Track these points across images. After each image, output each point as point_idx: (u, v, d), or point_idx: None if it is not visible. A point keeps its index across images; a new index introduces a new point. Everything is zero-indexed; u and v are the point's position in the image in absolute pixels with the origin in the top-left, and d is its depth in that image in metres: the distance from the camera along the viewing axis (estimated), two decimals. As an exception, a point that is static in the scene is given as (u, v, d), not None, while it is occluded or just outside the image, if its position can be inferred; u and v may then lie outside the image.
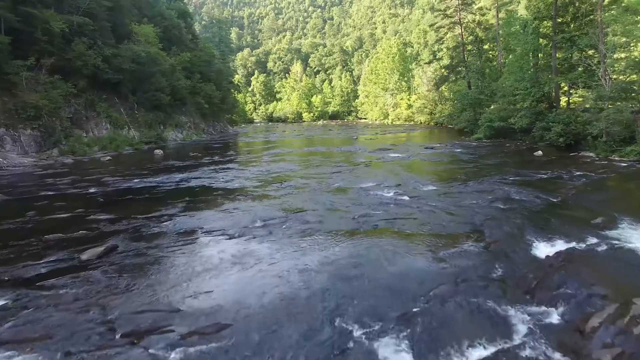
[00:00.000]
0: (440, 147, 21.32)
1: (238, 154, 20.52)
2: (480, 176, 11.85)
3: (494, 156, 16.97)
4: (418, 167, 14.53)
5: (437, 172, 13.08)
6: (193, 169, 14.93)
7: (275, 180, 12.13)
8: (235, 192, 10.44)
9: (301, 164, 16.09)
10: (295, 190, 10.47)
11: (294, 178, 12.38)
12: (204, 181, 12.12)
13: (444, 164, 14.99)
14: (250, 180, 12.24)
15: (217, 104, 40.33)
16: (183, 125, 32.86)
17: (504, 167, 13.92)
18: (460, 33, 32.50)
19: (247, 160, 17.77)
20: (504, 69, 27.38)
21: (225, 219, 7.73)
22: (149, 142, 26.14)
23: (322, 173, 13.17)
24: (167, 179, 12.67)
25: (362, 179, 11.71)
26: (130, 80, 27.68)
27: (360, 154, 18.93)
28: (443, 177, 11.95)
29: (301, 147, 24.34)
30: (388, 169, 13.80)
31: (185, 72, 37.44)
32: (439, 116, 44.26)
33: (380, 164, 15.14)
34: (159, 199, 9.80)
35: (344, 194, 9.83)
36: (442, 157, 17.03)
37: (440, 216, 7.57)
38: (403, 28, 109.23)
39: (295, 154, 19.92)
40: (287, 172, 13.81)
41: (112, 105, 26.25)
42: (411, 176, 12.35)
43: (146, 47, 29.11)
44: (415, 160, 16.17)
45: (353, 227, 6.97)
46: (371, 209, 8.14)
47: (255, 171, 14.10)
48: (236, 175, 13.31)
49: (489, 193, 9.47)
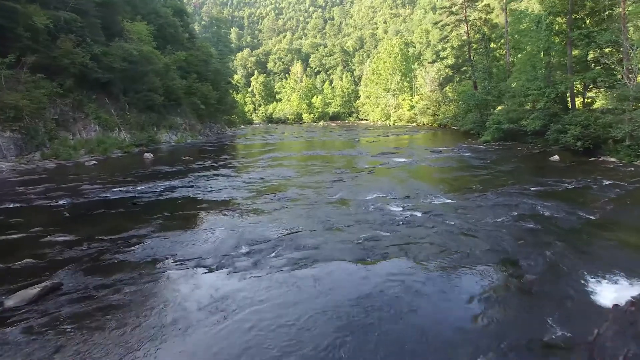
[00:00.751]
0: (447, 150, 20.08)
1: (232, 158, 19.28)
2: (497, 185, 10.61)
3: (507, 161, 15.72)
4: (426, 175, 13.28)
5: (447, 180, 11.83)
6: (181, 176, 13.70)
7: (269, 190, 10.89)
8: (222, 205, 9.19)
9: (299, 170, 14.85)
10: (290, 203, 9.22)
11: (290, 187, 11.14)
12: (189, 191, 10.88)
13: (454, 170, 13.74)
14: (241, 190, 11.00)
15: (214, 104, 39.09)
16: (177, 126, 31.63)
17: (521, 175, 12.68)
18: (466, 31, 31.24)
19: (241, 166, 16.54)
20: (513, 68, 26.12)
21: (204, 242, 6.48)
22: (140, 145, 24.91)
23: (322, 181, 11.93)
24: (150, 188, 11.43)
25: (366, 189, 10.46)
26: (121, 80, 26.48)
27: (362, 159, 17.69)
28: (456, 187, 10.70)
29: (300, 150, 23.10)
30: (394, 177, 12.54)
31: (181, 71, 36.25)
32: (442, 117, 42.98)
33: (385, 171, 13.89)
34: (133, 215, 8.56)
35: (346, 208, 8.59)
36: (451, 162, 15.78)
37: (461, 240, 6.32)
38: (405, 28, 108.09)
39: (293, 158, 18.69)
40: (283, 179, 12.57)
41: (101, 106, 25.04)
42: (420, 185, 11.10)
43: (139, 45, 27.91)
44: (422, 166, 14.92)
45: (358, 255, 5.72)
46: (378, 229, 6.90)
47: (248, 178, 12.86)
48: (226, 183, 12.07)
49: (512, 207, 8.23)
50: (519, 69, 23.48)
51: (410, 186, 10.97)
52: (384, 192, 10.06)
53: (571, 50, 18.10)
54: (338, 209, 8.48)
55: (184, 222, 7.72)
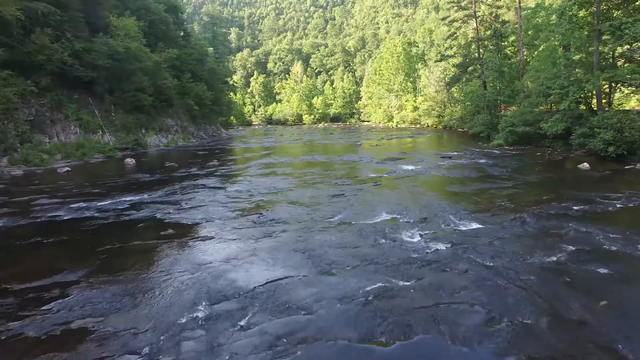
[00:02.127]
0: (458, 156, 18.19)
1: (221, 165, 17.42)
2: (531, 203, 8.72)
3: (530, 169, 13.83)
4: (442, 187, 11.38)
5: (469, 195, 9.93)
6: (157, 187, 11.84)
7: (255, 207, 9.01)
8: (190, 232, 7.32)
9: (294, 180, 12.97)
10: (277, 228, 7.35)
11: (281, 204, 9.26)
12: (158, 209, 9.01)
13: (473, 181, 11.84)
14: (221, 207, 9.13)
15: (208, 105, 37.24)
16: (168, 128, 29.80)
17: (554, 187, 10.79)
18: (475, 27, 29.35)
19: (229, 174, 14.68)
20: (528, 66, 24.22)
21: (148, 298, 4.61)
22: (124, 148, 23.08)
23: (319, 196, 10.05)
24: (115, 204, 9.58)
25: (371, 208, 8.58)
26: (106, 79, 24.67)
27: (366, 166, 15.81)
28: (481, 205, 8.80)
29: (297, 155, 21.21)
30: (404, 190, 10.66)
31: (174, 70, 34.45)
32: (448, 119, 41.09)
33: (393, 182, 12.00)
34: (72, 247, 6.70)
35: (348, 237, 6.71)
36: (467, 170, 13.87)
37: (511, 296, 4.43)
38: (407, 28, 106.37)
39: (289, 165, 16.82)
40: (274, 193, 10.69)
41: (84, 107, 23.24)
42: (437, 203, 9.21)
43: (126, 41, 26.11)
44: (435, 176, 13.01)
45: (367, 329, 3.83)
46: (392, 276, 5.02)
47: (233, 191, 10.99)
48: (206, 198, 10.20)
49: (562, 238, 6.35)
50: (535, 67, 21.60)
51: (426, 203, 9.08)
52: (394, 211, 8.18)
53: (598, 45, 16.18)
54: (337, 239, 6.59)
55: (130, 263, 5.82)
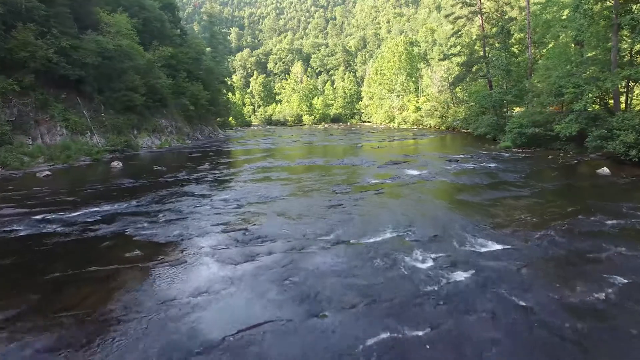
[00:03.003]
0: (465, 159, 17.10)
1: (213, 169, 16.34)
2: (555, 216, 7.63)
3: (546, 175, 12.74)
4: (451, 196, 10.26)
5: (482, 205, 8.83)
6: (137, 195, 10.77)
7: (240, 221, 7.93)
8: (161, 252, 6.24)
9: (288, 186, 11.89)
10: (263, 248, 6.27)
11: (270, 217, 8.17)
12: (131, 222, 7.93)
13: (485, 189, 10.73)
14: (202, 220, 8.04)
15: (204, 105, 36.19)
16: (162, 129, 28.73)
17: (577, 197, 9.69)
18: (480, 25, 28.24)
19: (218, 179, 13.59)
20: (536, 64, 23.11)
21: (82, 354, 3.52)
22: (114, 150, 22.01)
23: (314, 206, 8.97)
24: (84, 216, 8.51)
25: (374, 222, 7.50)
26: (96, 78, 23.64)
27: (367, 171, 14.71)
28: (498, 218, 7.71)
29: (295, 158, 20.11)
30: (410, 200, 9.56)
31: (169, 69, 33.38)
32: (451, 120, 39.98)
33: (397, 190, 10.91)
34: (15, 274, 5.62)
35: (345, 262, 5.62)
36: (477, 176, 12.76)
37: (555, 353, 3.33)
38: (408, 27, 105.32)
39: (285, 169, 15.74)
40: (264, 203, 9.60)
41: (72, 107, 22.20)
42: (448, 215, 8.11)
43: (117, 39, 25.06)
44: (443, 183, 11.91)
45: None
46: (400, 318, 3.93)
47: (219, 201, 9.90)
48: (187, 209, 9.12)
49: (605, 265, 5.28)
50: (545, 65, 20.51)
51: (435, 216, 7.99)
52: (399, 227, 7.09)
53: (617, 40, 15.09)
54: (332, 265, 5.50)
55: (77, 300, 4.71)
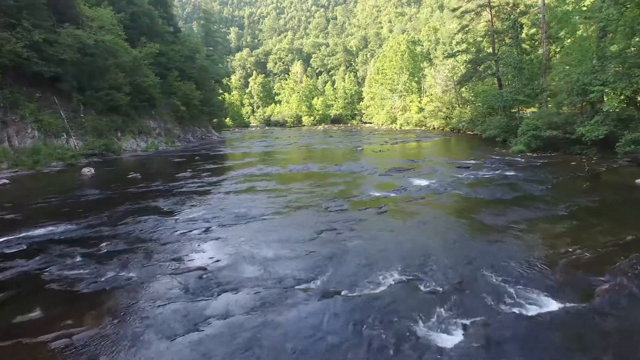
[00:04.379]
0: (477, 165, 15.26)
1: (193, 177, 14.53)
2: (613, 249, 5.79)
3: (576, 186, 10.89)
4: (472, 217, 8.38)
5: (514, 232, 6.99)
6: (92, 212, 8.98)
7: (200, 254, 6.10)
8: (72, 312, 4.43)
9: (274, 201, 10.07)
10: (221, 302, 4.44)
11: (241, 249, 6.35)
12: (61, 255, 6.13)
13: (510, 206, 8.89)
14: (153, 253, 6.23)
15: (197, 105, 34.42)
16: (149, 131, 26.96)
17: (628, 219, 7.83)
18: (490, 19, 26.40)
19: (194, 191, 11.78)
20: (552, 61, 21.27)
21: None
22: (91, 155, 20.22)
23: (300, 232, 7.15)
24: (10, 244, 6.73)
25: (376, 258, 5.67)
26: (75, 75, 21.92)
27: (367, 180, 12.89)
28: (537, 250, 5.85)
29: (288, 163, 18.27)
30: (421, 224, 7.72)
31: (159, 68, 31.66)
32: (456, 121, 38.10)
33: (403, 207, 9.07)
34: None
35: (333, 330, 3.78)
36: (496, 188, 10.90)
37: None
38: (411, 27, 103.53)
39: (274, 178, 13.93)
40: (239, 226, 7.78)
41: (47, 107, 20.45)
42: (473, 247, 6.27)
43: (100, 34, 23.32)
44: (459, 197, 10.05)
45: None
46: None
47: (185, 222, 8.09)
48: (141, 235, 7.30)
49: None
50: (564, 61, 18.67)
51: (457, 250, 6.15)
52: (410, 268, 5.26)
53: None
54: (314, 337, 3.66)
55: None
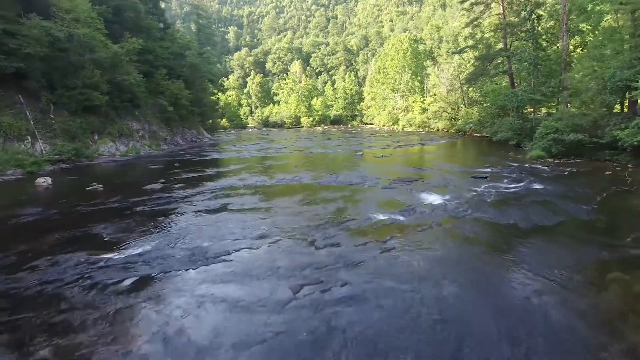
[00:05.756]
0: (495, 175, 13.08)
1: (162, 190, 12.34)
2: None
3: (625, 204, 8.74)
4: (509, 257, 6.17)
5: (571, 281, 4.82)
6: (13, 243, 6.82)
7: (120, 326, 3.93)
8: None
9: (247, 228, 7.91)
10: None
11: (180, 319, 4.17)
12: None
13: (553, 237, 6.72)
14: (49, 329, 4.07)
15: (186, 106, 32.28)
16: (131, 133, 24.82)
17: None
18: (501, 11, 24.23)
19: (155, 211, 9.60)
20: (574, 55, 19.08)
21: None
22: (58, 161, 18.05)
23: (273, 282, 4.97)
24: None
25: (381, 342, 3.48)
26: (44, 72, 19.79)
27: (368, 196, 10.70)
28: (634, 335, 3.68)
29: (276, 172, 16.03)
30: (440, 270, 5.55)
31: (146, 65, 29.55)
32: (463, 122, 35.90)
33: (415, 238, 6.89)
34: None
35: None
36: (527, 208, 8.70)
37: None
38: (412, 26, 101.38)
39: (257, 192, 11.76)
40: (192, 271, 5.62)
41: (9, 106, 18.34)
42: (527, 321, 4.08)
43: (74, 27, 21.19)
44: (483, 224, 7.83)
45: None
46: None
47: (123, 264, 5.92)
48: (60, 275, 5.14)
49: None
50: (593, 55, 16.50)
51: (502, 325, 3.96)
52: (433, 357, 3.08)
53: None
54: None
55: None
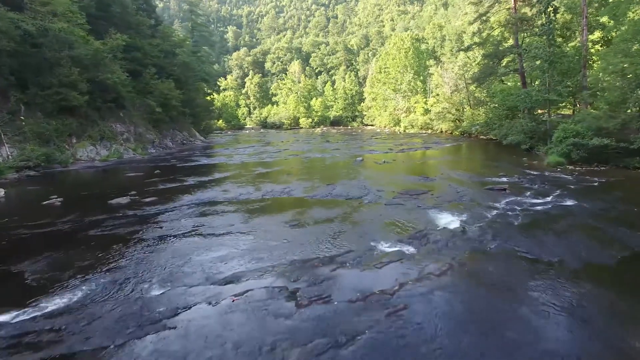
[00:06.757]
0: (515, 186, 11.38)
1: (129, 205, 10.63)
2: None
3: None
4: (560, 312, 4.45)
5: None
6: None
7: None
8: None
9: (217, 260, 6.20)
10: None
11: None
12: None
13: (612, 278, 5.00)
14: None
15: (177, 107, 30.58)
16: (115, 136, 23.10)
17: None
18: (512, 6, 22.52)
19: (112, 238, 7.89)
20: (600, 49, 17.36)
21: None
22: (25, 167, 16.33)
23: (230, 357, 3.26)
24: None
25: None
26: (14, 70, 18.11)
27: (368, 215, 8.98)
28: None
29: (265, 182, 14.21)
30: (466, 337, 3.80)
31: (133, 64, 27.90)
32: (468, 124, 34.17)
33: (428, 283, 5.17)
34: None
35: None
36: (567, 235, 6.99)
37: None
38: (414, 25, 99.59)
39: (238, 209, 10.02)
40: (132, 330, 3.89)
41: (-27, 108, 16.63)
42: None
43: (49, 20, 19.51)
44: (518, 261, 6.11)
45: None
46: None
47: (43, 314, 4.20)
48: None
49: None
50: (621, 50, 14.78)
51: None
52: None
53: None
54: None
55: None
